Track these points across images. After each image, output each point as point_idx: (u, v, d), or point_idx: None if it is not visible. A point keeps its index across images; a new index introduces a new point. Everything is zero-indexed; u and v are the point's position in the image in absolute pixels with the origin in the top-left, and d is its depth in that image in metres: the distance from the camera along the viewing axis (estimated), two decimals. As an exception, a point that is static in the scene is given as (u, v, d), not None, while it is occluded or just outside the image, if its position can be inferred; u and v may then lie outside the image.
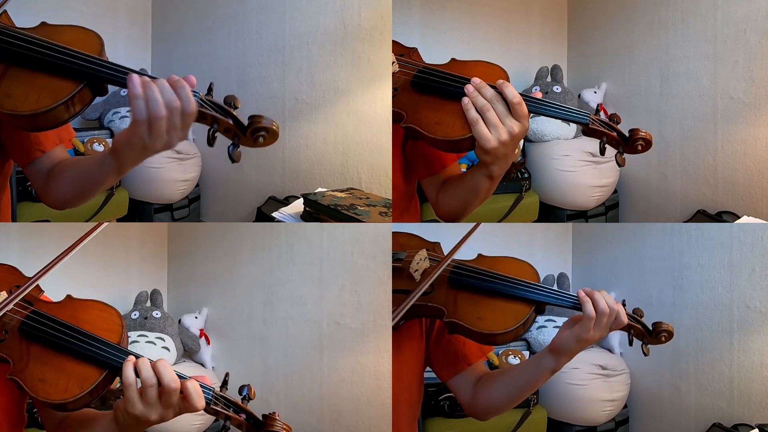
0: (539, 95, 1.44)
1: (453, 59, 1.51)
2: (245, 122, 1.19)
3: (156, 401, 1.18)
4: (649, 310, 2.49)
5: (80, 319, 1.24)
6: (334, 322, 2.39)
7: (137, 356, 1.21)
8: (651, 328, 1.51)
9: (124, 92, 2.68)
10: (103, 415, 1.31)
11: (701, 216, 2.52)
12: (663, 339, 1.51)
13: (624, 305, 1.48)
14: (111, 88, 1.28)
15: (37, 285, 1.29)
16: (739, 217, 2.41)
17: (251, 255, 2.55)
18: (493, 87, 1.40)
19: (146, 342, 2.44)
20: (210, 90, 1.23)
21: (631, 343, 1.52)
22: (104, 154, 1.28)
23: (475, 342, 1.50)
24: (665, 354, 2.44)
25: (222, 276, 2.62)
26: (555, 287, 2.57)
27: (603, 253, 2.66)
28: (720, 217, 2.48)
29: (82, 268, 2.47)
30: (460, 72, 1.45)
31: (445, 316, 1.45)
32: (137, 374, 1.19)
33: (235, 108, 1.21)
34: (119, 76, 1.21)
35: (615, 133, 1.42)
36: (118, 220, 2.63)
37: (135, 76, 1.18)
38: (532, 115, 1.42)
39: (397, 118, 1.46)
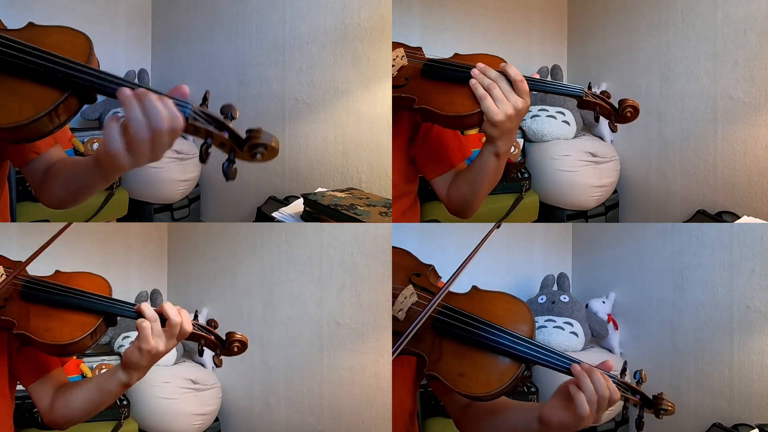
0: (537, 76, 1.56)
1: (456, 54, 1.61)
2: (242, 135, 1.11)
3: (147, 152, 1.12)
4: (649, 310, 2.51)
5: (71, 284, 1.39)
6: (334, 322, 2.39)
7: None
8: (651, 398, 1.39)
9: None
10: (93, 379, 1.45)
11: (701, 216, 2.52)
12: (665, 412, 1.39)
13: (625, 371, 1.38)
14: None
15: (25, 270, 1.42)
16: (739, 217, 2.41)
17: (251, 255, 2.55)
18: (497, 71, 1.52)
19: (146, 342, 2.44)
20: (205, 99, 1.14)
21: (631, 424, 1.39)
22: (90, 164, 1.25)
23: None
24: (665, 354, 2.45)
25: (222, 276, 2.62)
26: (555, 287, 2.58)
27: (603, 253, 2.66)
28: (720, 217, 2.48)
29: (82, 267, 2.47)
30: (464, 62, 1.56)
31: (426, 368, 1.37)
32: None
33: (233, 119, 1.12)
34: (106, 85, 1.14)
35: (607, 105, 1.57)
36: (118, 220, 2.63)
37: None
38: (532, 93, 1.54)
39: (407, 104, 1.56)
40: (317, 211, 2.05)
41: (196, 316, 1.44)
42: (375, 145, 2.56)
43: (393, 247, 1.57)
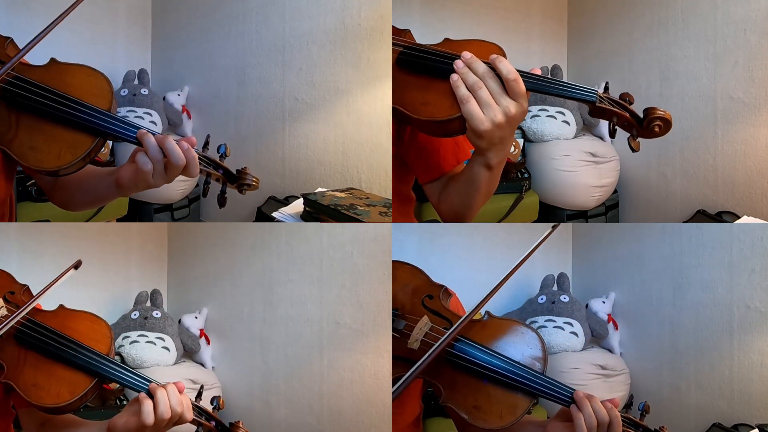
0: (538, 71, 1.28)
1: (446, 39, 1.38)
2: (234, 171, 1.35)
3: (164, 174, 1.30)
4: (649, 310, 2.51)
5: (71, 328, 1.32)
6: (334, 322, 2.39)
7: (155, 387, 1.31)
8: (653, 431, 1.38)
9: (124, 92, 2.68)
10: (88, 423, 1.36)
11: (701, 216, 2.52)
12: None
13: (630, 405, 1.38)
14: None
15: (30, 293, 1.38)
16: (739, 217, 2.41)
17: (251, 255, 2.55)
18: (487, 64, 1.26)
19: (146, 342, 2.44)
20: (206, 144, 1.36)
21: None
22: (110, 181, 1.36)
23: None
24: (665, 354, 2.44)
25: (222, 276, 2.62)
26: (555, 287, 2.58)
27: (603, 253, 2.66)
28: (720, 217, 2.48)
29: (83, 268, 2.47)
30: (452, 51, 1.31)
31: (441, 399, 1.36)
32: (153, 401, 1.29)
33: (226, 157, 1.36)
34: (128, 135, 1.31)
35: (627, 113, 1.26)
36: (118, 220, 2.63)
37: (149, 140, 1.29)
38: (531, 95, 1.29)
39: None
40: (317, 211, 2.05)
41: (200, 394, 1.38)
42: (375, 145, 2.56)
43: (402, 263, 1.49)
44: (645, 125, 1.26)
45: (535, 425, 1.43)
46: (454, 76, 1.26)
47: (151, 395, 1.29)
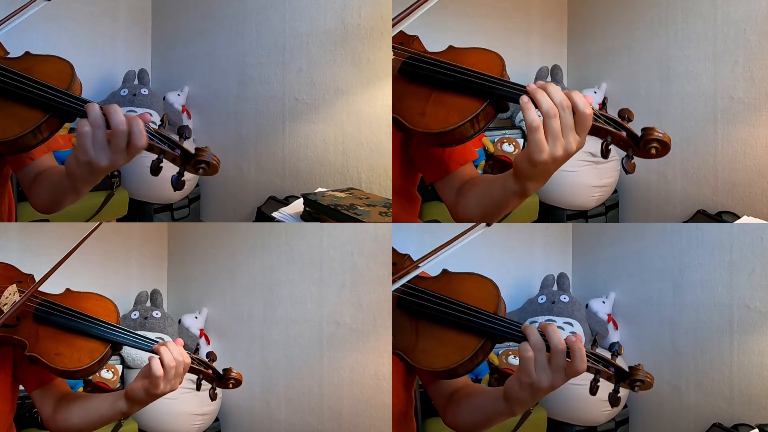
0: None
1: (450, 46, 1.39)
2: (192, 152, 1.31)
3: (105, 146, 1.26)
4: (649, 310, 2.51)
5: (81, 306, 1.45)
6: (334, 322, 2.39)
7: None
8: (627, 370, 1.29)
9: (124, 92, 2.68)
10: (101, 395, 1.49)
11: (701, 216, 2.52)
12: (641, 384, 1.29)
13: (596, 342, 1.31)
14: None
15: (34, 281, 1.48)
16: (739, 217, 2.41)
17: (251, 255, 2.55)
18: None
19: (146, 342, 2.44)
20: (162, 123, 1.33)
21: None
22: (63, 173, 1.38)
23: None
24: (665, 354, 2.45)
25: (222, 276, 2.62)
26: (555, 287, 2.58)
27: (603, 253, 2.66)
28: (720, 217, 2.48)
29: (83, 267, 2.47)
30: (455, 60, 1.31)
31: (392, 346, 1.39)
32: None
33: (187, 138, 1.32)
34: (80, 108, 1.31)
35: (624, 133, 1.21)
36: (118, 220, 2.63)
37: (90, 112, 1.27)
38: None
39: None
40: (317, 211, 2.05)
41: (197, 350, 1.52)
42: (375, 145, 2.56)
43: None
44: (642, 146, 1.21)
45: (496, 390, 1.41)
46: (525, 98, 1.19)
47: (156, 354, 1.41)
